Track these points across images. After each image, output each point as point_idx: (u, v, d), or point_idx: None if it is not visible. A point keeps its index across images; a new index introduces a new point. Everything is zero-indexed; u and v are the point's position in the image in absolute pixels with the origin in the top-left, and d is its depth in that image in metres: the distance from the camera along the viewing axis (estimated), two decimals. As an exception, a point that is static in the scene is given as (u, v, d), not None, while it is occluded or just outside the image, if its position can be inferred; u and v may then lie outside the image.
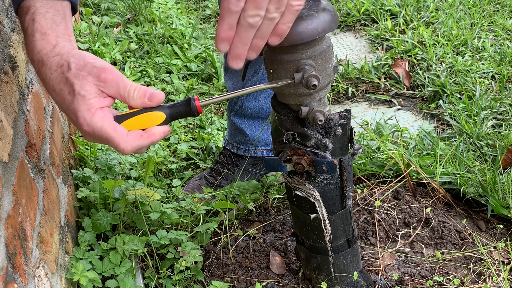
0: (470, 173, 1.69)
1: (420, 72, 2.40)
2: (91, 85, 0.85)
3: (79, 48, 0.90)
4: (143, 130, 0.89)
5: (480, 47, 2.58)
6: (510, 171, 1.70)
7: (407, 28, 2.81)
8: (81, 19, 2.92)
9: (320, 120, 0.95)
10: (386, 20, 2.91)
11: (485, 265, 1.40)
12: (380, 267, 1.40)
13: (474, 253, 1.44)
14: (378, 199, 1.58)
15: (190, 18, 3.13)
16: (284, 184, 1.43)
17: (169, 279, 1.38)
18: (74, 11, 0.94)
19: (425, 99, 2.31)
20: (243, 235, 1.54)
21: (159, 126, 0.90)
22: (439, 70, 2.38)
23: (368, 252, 1.45)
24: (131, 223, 1.48)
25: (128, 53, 2.69)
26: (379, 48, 2.72)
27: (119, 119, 0.88)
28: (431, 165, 1.72)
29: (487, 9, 2.92)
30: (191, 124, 2.17)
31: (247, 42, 0.87)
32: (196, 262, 1.42)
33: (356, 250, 1.26)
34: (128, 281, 1.30)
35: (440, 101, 2.21)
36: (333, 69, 0.98)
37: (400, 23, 2.85)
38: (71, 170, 1.57)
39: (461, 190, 1.62)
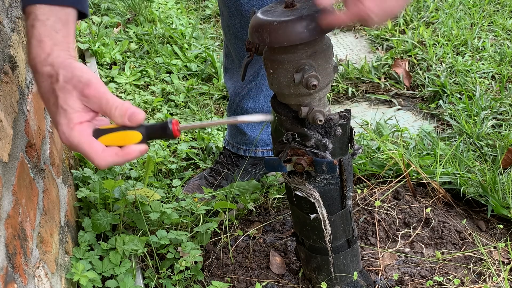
0: (470, 173, 1.69)
1: (420, 72, 2.40)
2: (75, 100, 0.87)
3: (79, 49, 0.90)
4: (120, 147, 0.91)
5: (480, 47, 2.58)
6: (510, 171, 1.70)
7: (407, 28, 2.81)
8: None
9: (320, 120, 0.95)
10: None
11: (485, 265, 1.40)
12: (380, 267, 1.40)
13: (474, 253, 1.44)
14: (378, 199, 1.58)
15: (190, 18, 3.13)
16: (284, 184, 1.43)
17: (169, 279, 1.38)
18: (83, 15, 0.94)
19: (425, 99, 2.31)
20: (243, 235, 1.54)
21: (136, 144, 0.91)
22: (439, 70, 2.38)
23: (368, 252, 1.45)
24: (131, 223, 1.48)
25: (128, 53, 2.69)
26: (379, 48, 2.72)
27: (98, 133, 0.90)
28: (431, 165, 1.72)
29: (487, 9, 2.92)
30: (191, 124, 2.17)
31: None
32: (196, 262, 1.42)
33: (356, 250, 1.26)
34: (128, 281, 1.30)
35: (440, 101, 2.21)
36: (333, 69, 0.98)
37: (400, 23, 2.85)
38: (71, 170, 1.57)
39: (461, 190, 1.62)
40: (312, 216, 1.15)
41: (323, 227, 1.16)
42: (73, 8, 0.91)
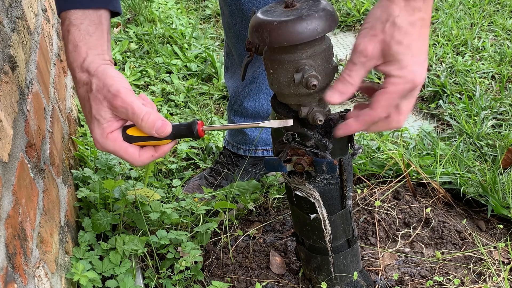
0: (470, 173, 1.69)
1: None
2: (105, 110, 0.92)
3: None
4: (154, 146, 0.99)
5: (480, 47, 2.58)
6: (510, 171, 1.70)
7: (407, 28, 2.81)
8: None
9: (320, 120, 0.95)
10: (386, 20, 2.90)
11: (485, 265, 1.40)
12: (380, 267, 1.40)
13: (474, 253, 1.44)
14: (378, 199, 1.58)
15: (190, 18, 3.12)
16: (284, 184, 1.43)
17: (169, 279, 1.38)
18: (116, 14, 0.98)
19: (425, 99, 2.31)
20: (243, 235, 1.54)
21: (165, 146, 0.99)
22: (439, 70, 2.38)
23: (368, 252, 1.45)
24: (131, 223, 1.48)
25: (128, 53, 2.69)
26: (379, 48, 2.72)
27: (130, 139, 0.96)
28: (431, 165, 1.72)
29: (487, 9, 2.92)
30: (191, 124, 2.17)
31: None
32: (196, 262, 1.42)
33: (356, 250, 1.26)
34: (128, 281, 1.30)
35: (440, 101, 2.21)
36: (333, 69, 0.98)
37: (400, 23, 2.84)
38: (71, 170, 1.57)
39: (461, 190, 1.62)
40: (312, 216, 1.15)
41: (323, 227, 1.16)
42: (105, 9, 0.93)
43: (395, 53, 0.88)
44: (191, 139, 2.05)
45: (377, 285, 1.35)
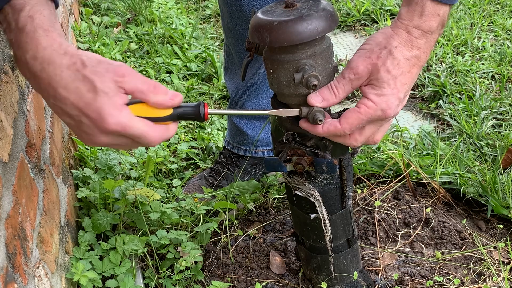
0: (470, 173, 1.69)
1: (420, 72, 2.40)
2: (111, 82, 0.83)
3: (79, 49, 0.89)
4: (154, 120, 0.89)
5: (480, 47, 2.58)
6: (510, 171, 1.70)
7: (407, 28, 2.81)
8: (81, 19, 2.92)
9: (320, 120, 0.95)
10: (386, 20, 2.91)
11: (485, 265, 1.40)
12: (380, 267, 1.40)
13: (474, 253, 1.44)
14: (378, 199, 1.58)
15: (190, 18, 3.13)
16: (284, 184, 1.43)
17: (169, 279, 1.38)
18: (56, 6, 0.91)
19: (425, 99, 2.31)
20: (243, 235, 1.54)
21: (173, 124, 0.91)
22: (439, 70, 2.38)
23: (368, 252, 1.45)
24: (131, 223, 1.48)
25: (128, 53, 2.69)
26: (379, 48, 2.72)
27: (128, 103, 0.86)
28: (431, 165, 1.72)
29: (487, 9, 2.92)
30: (191, 124, 2.17)
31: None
32: (196, 262, 1.42)
33: (356, 250, 1.26)
34: (128, 281, 1.30)
35: (440, 101, 2.21)
36: (333, 69, 0.98)
37: (400, 23, 2.84)
38: (71, 170, 1.57)
39: (461, 190, 1.62)
40: (312, 216, 1.15)
41: (323, 227, 1.16)
42: (52, 1, 0.88)
43: (380, 79, 0.91)
44: (191, 139, 2.06)
45: (377, 285, 1.35)
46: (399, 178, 1.65)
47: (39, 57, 0.82)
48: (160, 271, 1.40)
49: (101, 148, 1.76)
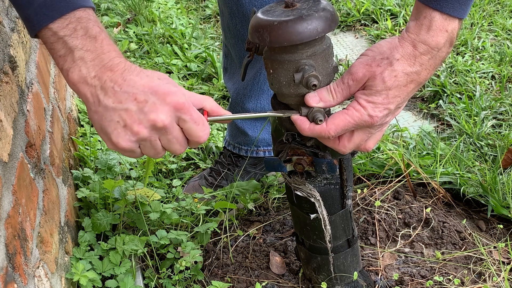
0: (470, 173, 1.69)
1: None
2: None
3: None
4: None
5: (480, 47, 2.58)
6: (510, 171, 1.70)
7: (407, 28, 2.81)
8: (81, 19, 2.92)
9: (320, 120, 0.95)
10: (386, 20, 2.91)
11: (485, 265, 1.40)
12: (380, 267, 1.40)
13: (474, 253, 1.44)
14: (378, 199, 1.58)
15: (190, 18, 3.13)
16: (284, 184, 1.43)
17: (169, 279, 1.38)
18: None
19: (425, 99, 2.31)
20: (243, 235, 1.54)
21: None
22: (439, 70, 2.38)
23: (368, 252, 1.45)
24: (131, 223, 1.48)
25: (128, 53, 2.69)
26: (379, 48, 2.72)
27: None
28: (431, 165, 1.72)
29: (487, 9, 2.92)
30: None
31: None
32: (196, 262, 1.42)
33: (356, 250, 1.26)
34: (128, 281, 1.30)
35: (440, 101, 2.21)
36: (333, 69, 0.98)
37: (400, 23, 2.85)
38: (71, 170, 1.57)
39: (461, 190, 1.62)
40: (312, 216, 1.15)
41: (323, 227, 1.16)
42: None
43: (374, 86, 0.91)
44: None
45: (377, 285, 1.35)
46: (399, 178, 1.65)
47: (118, 63, 0.86)
48: (160, 271, 1.40)
49: (101, 148, 1.76)
